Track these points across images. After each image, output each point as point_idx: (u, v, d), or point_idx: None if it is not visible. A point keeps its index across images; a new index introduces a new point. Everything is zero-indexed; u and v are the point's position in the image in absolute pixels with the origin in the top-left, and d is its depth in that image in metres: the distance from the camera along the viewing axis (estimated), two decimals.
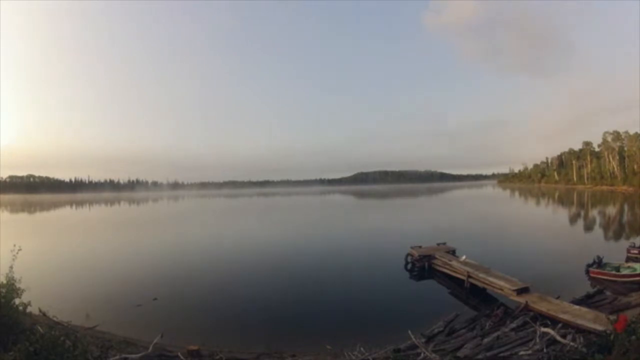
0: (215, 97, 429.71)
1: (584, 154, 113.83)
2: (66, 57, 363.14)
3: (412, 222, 42.52)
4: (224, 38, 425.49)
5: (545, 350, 7.89)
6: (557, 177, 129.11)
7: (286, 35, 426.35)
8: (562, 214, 49.02)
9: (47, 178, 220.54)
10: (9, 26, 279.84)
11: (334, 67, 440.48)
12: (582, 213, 48.20)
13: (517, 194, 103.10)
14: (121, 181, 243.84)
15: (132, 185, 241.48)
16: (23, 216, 65.81)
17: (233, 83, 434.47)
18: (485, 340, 9.00)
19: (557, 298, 11.24)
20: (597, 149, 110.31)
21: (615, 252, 18.79)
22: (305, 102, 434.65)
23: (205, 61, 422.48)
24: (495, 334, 9.28)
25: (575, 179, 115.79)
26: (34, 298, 7.82)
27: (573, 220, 41.26)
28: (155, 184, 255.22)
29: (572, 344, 7.81)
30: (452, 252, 18.66)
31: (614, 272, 14.68)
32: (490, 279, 13.27)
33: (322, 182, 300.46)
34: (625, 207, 53.01)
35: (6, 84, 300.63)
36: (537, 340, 8.52)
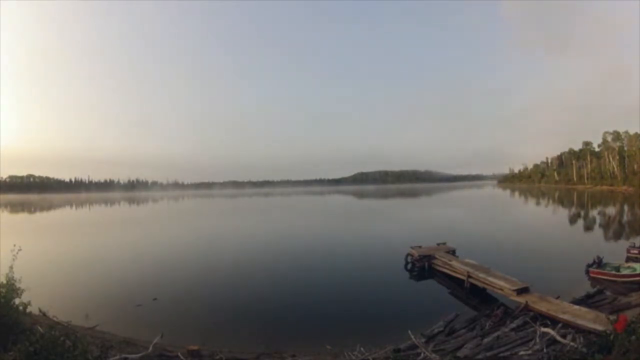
0: (215, 97, 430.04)
1: (584, 154, 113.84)
2: (67, 57, 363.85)
3: (412, 222, 42.52)
4: (224, 38, 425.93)
5: (545, 350, 7.89)
6: (557, 177, 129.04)
7: (286, 35, 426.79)
8: (562, 214, 49.00)
9: (47, 178, 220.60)
10: (9, 26, 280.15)
11: (334, 66, 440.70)
12: (582, 213, 48.18)
13: (517, 194, 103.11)
14: (121, 181, 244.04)
15: (132, 185, 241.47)
16: (23, 216, 65.78)
17: (233, 83, 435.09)
18: (485, 340, 9.00)
19: (557, 298, 11.24)
20: (597, 149, 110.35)
21: (615, 252, 18.78)
22: (305, 102, 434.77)
23: (206, 61, 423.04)
24: (495, 334, 9.28)
25: (575, 179, 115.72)
26: (34, 298, 7.82)
27: (573, 220, 41.24)
28: (155, 184, 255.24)
29: (572, 344, 7.81)
30: (452, 252, 18.66)
31: (614, 272, 14.67)
32: (490, 279, 13.26)
33: (322, 182, 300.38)
34: (625, 207, 52.98)
35: (6, 84, 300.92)
36: (537, 340, 8.51)
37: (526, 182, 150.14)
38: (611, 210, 50.16)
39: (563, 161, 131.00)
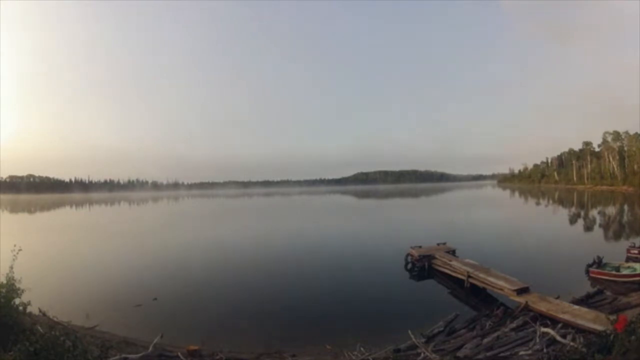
0: (216, 97, 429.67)
1: (584, 154, 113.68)
2: (67, 57, 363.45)
3: (412, 222, 42.52)
4: (225, 38, 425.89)
5: (545, 350, 7.89)
6: (557, 177, 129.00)
7: (286, 35, 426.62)
8: (562, 214, 48.99)
9: (47, 178, 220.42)
10: (9, 26, 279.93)
11: (334, 66, 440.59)
12: (582, 213, 48.18)
13: (517, 194, 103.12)
14: (121, 181, 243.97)
15: (132, 185, 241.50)
16: (23, 216, 65.79)
17: (233, 83, 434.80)
18: (485, 340, 9.00)
19: (557, 298, 11.24)
20: (597, 149, 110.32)
21: (615, 252, 18.78)
22: (305, 102, 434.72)
23: (206, 61, 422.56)
24: (495, 334, 9.29)
25: (575, 179, 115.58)
26: (34, 298, 7.83)
27: (573, 220, 41.24)
28: (155, 184, 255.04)
29: (572, 344, 7.79)
30: (452, 252, 18.66)
31: (614, 272, 14.67)
32: (490, 279, 13.26)
33: (322, 182, 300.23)
34: (625, 207, 52.99)
35: (6, 84, 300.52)
36: (537, 340, 8.52)
37: (526, 182, 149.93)
38: (611, 210, 50.16)
39: (563, 161, 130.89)
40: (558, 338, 8.38)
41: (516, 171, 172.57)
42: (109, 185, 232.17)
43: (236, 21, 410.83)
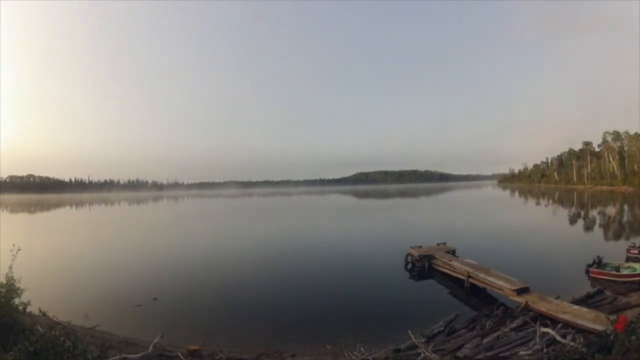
0: (216, 97, 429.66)
1: (584, 154, 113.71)
2: (67, 57, 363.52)
3: (412, 222, 42.52)
4: (230, 38, 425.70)
5: (545, 350, 7.89)
6: (557, 177, 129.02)
7: (287, 36, 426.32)
8: (562, 214, 48.98)
9: (47, 178, 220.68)
10: (10, 27, 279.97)
11: (334, 67, 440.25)
12: (582, 213, 48.16)
13: (517, 194, 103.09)
14: (121, 181, 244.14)
15: (132, 185, 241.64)
16: (23, 216, 65.77)
17: (233, 82, 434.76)
18: (485, 340, 9.00)
19: (557, 298, 11.23)
20: (597, 149, 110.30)
21: (615, 252, 18.78)
22: (305, 102, 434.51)
23: (211, 61, 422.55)
24: (495, 334, 9.28)
25: (575, 179, 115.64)
26: (34, 298, 7.83)
27: (573, 220, 41.23)
28: (155, 184, 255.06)
29: (572, 344, 7.79)
30: (452, 252, 18.65)
31: (614, 272, 14.67)
32: (490, 279, 13.26)
33: (322, 182, 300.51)
34: (625, 207, 52.98)
35: (6, 84, 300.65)
36: (537, 340, 8.52)
37: (526, 182, 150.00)
38: (611, 210, 50.14)
39: (563, 161, 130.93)
40: (558, 338, 8.38)
41: (516, 171, 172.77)
42: (109, 185, 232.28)
43: (241, 21, 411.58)
